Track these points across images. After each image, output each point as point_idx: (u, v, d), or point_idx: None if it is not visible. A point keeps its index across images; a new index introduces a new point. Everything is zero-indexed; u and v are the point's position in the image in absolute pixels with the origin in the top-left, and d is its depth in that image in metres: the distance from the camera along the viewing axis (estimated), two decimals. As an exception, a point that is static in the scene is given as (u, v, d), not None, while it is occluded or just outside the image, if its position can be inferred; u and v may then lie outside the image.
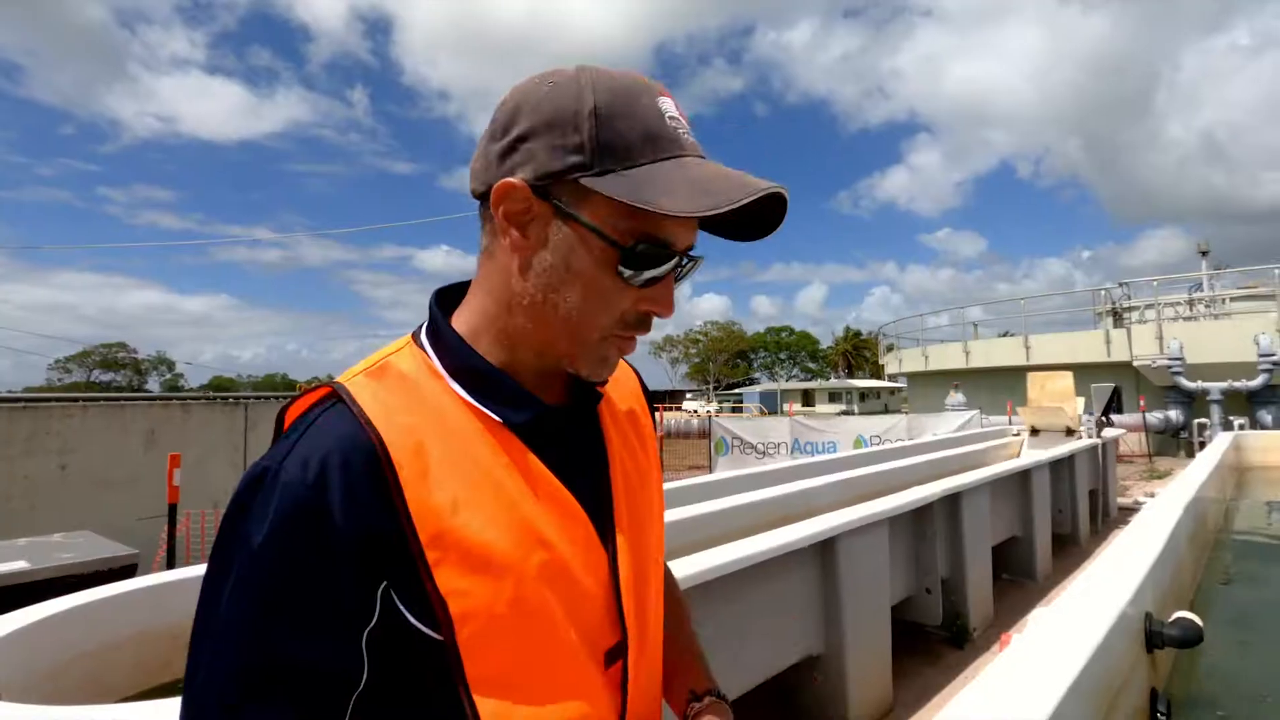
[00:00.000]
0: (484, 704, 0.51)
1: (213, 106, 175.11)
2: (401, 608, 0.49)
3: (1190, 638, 1.70)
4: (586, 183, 0.51)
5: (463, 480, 0.52)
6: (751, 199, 0.50)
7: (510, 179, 0.53)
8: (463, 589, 0.49)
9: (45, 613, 1.85)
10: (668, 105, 0.55)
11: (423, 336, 0.60)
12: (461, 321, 0.60)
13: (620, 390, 0.72)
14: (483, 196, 0.56)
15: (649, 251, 0.53)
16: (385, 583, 0.49)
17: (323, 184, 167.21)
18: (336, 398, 0.54)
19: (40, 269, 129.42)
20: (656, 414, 0.82)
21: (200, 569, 2.22)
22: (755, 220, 0.58)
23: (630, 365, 0.77)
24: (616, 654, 0.59)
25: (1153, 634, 1.74)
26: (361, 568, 0.48)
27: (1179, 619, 1.75)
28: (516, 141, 0.54)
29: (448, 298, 0.63)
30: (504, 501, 0.53)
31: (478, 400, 0.56)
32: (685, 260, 0.57)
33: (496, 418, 0.56)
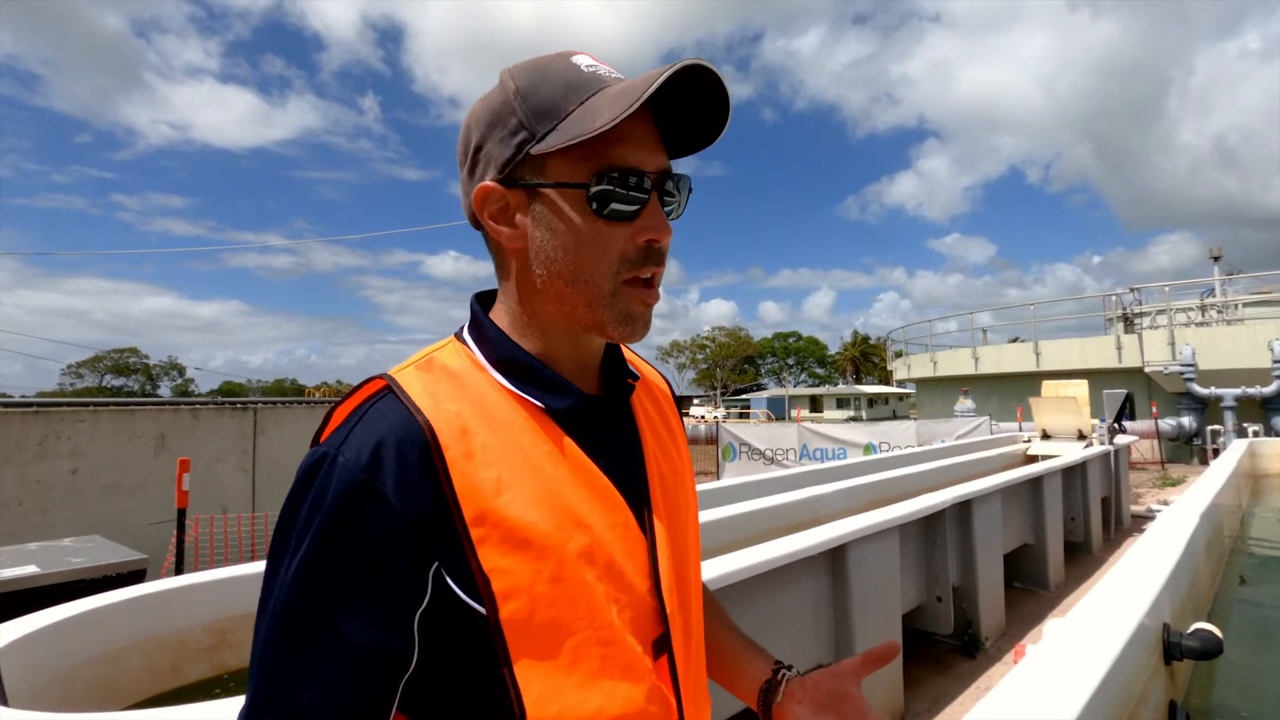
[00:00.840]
0: (528, 685, 0.51)
1: (225, 114, 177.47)
2: (453, 585, 0.50)
3: (1209, 649, 1.67)
4: (536, 150, 0.55)
5: (506, 463, 0.54)
6: (666, 77, 0.52)
7: (481, 184, 0.58)
8: (505, 567, 0.51)
9: (53, 618, 1.85)
10: (582, 59, 0.58)
11: (465, 334, 0.63)
12: (496, 322, 0.63)
13: (653, 393, 0.74)
14: (475, 221, 0.61)
15: (615, 179, 0.55)
16: (437, 563, 0.50)
17: (333, 190, 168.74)
18: (388, 389, 0.56)
19: (54, 275, 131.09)
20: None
21: (209, 574, 2.23)
22: (703, 116, 0.59)
23: (662, 374, 0.80)
24: (662, 646, 0.59)
25: (1171, 645, 1.71)
26: (415, 548, 0.50)
27: (1198, 630, 1.72)
28: (475, 154, 0.59)
29: (485, 301, 0.66)
30: (545, 484, 0.55)
31: (519, 388, 0.58)
32: (667, 180, 0.59)
33: (538, 404, 0.58)
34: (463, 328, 0.64)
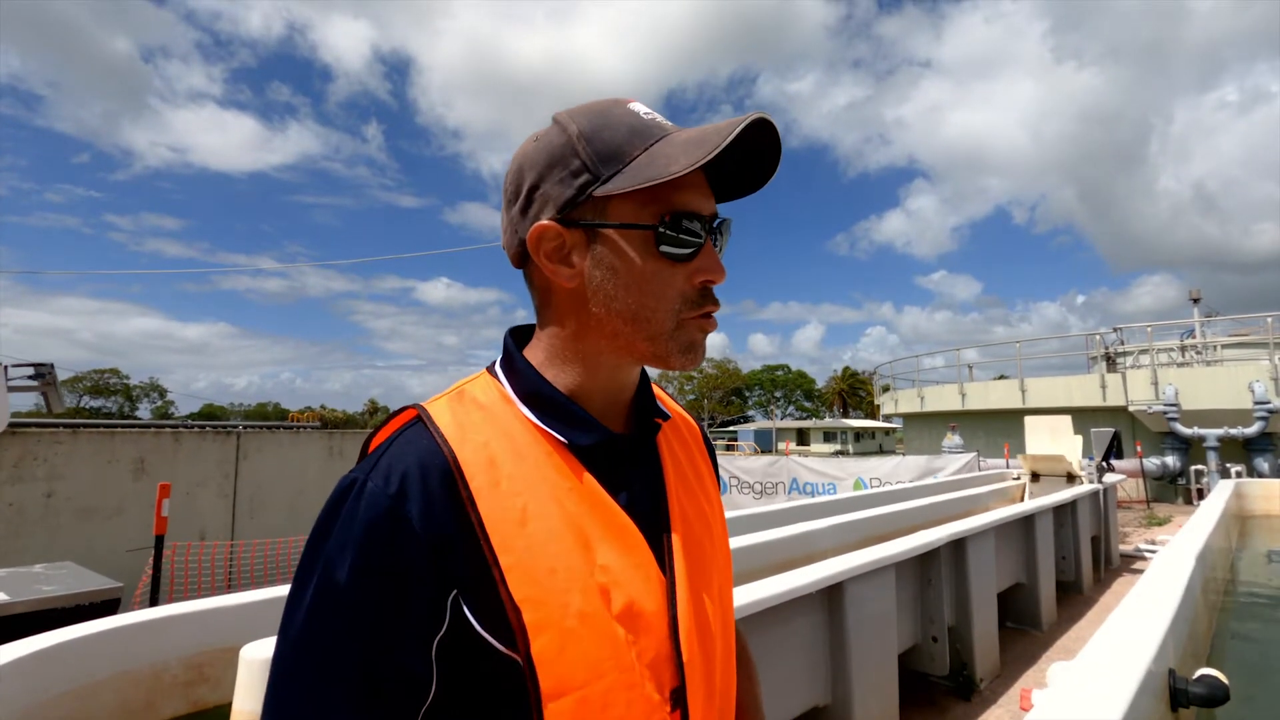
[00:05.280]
0: None
1: (225, 138, 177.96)
2: (470, 618, 0.50)
3: (1217, 696, 1.64)
4: (600, 192, 0.56)
5: (531, 494, 0.54)
6: (740, 130, 0.53)
7: (539, 222, 0.58)
8: (535, 598, 0.50)
9: (21, 651, 1.77)
10: (638, 106, 0.60)
11: (497, 367, 0.64)
12: (531, 357, 0.63)
13: (682, 435, 0.73)
14: (520, 259, 0.62)
15: (680, 221, 0.57)
16: (456, 590, 0.50)
17: (329, 215, 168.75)
18: (418, 419, 0.57)
19: (41, 293, 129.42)
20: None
21: (187, 605, 2.15)
22: (755, 166, 0.61)
23: (693, 421, 0.79)
24: (678, 699, 0.55)
25: (1177, 692, 1.68)
26: (435, 574, 0.50)
27: (1203, 676, 1.70)
28: (530, 193, 0.59)
29: (519, 336, 0.66)
30: (567, 519, 0.54)
31: (544, 423, 0.58)
32: (717, 223, 0.61)
33: (561, 439, 0.58)
34: (495, 361, 0.65)
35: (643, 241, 0.57)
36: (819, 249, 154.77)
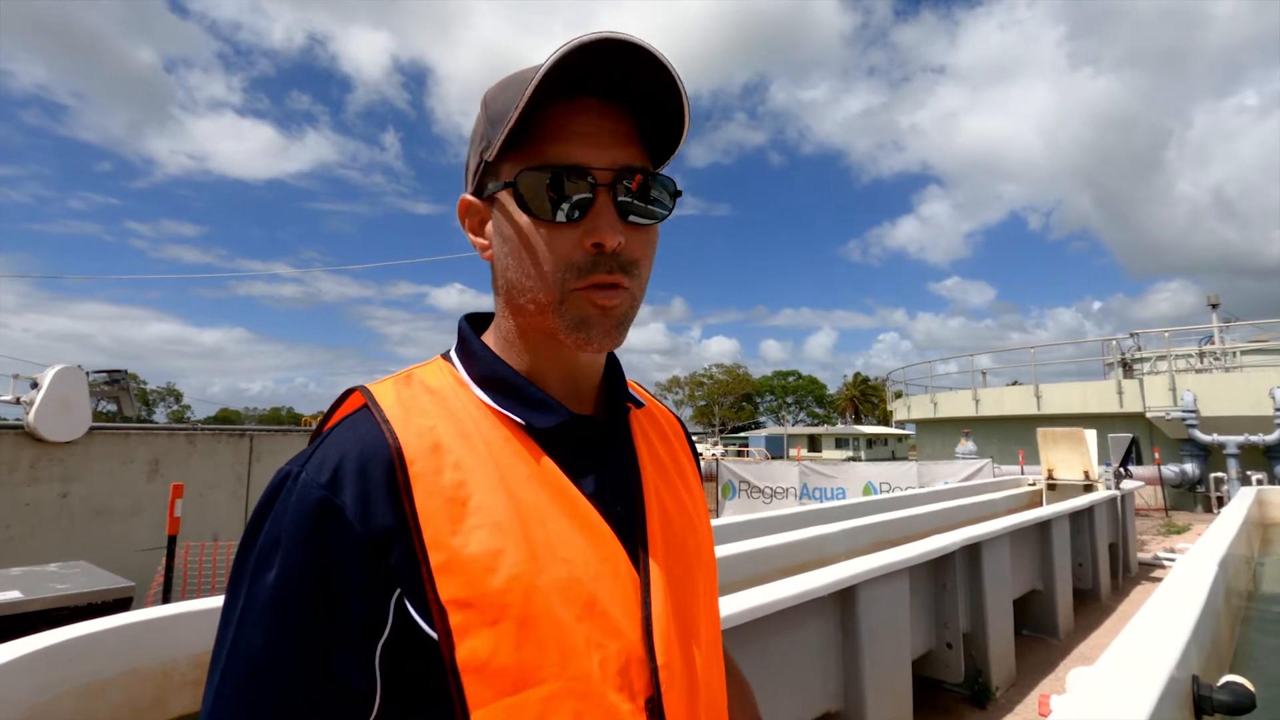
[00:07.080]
0: None
1: (244, 146, 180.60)
2: (416, 616, 0.46)
3: (1243, 703, 1.59)
4: (489, 157, 0.54)
5: (479, 483, 0.50)
6: (556, 58, 0.47)
7: (461, 196, 0.59)
8: (465, 598, 0.46)
9: (30, 648, 1.77)
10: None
11: (452, 353, 0.61)
12: (488, 341, 0.61)
13: (660, 426, 0.70)
14: None
15: (543, 176, 0.51)
16: (400, 590, 0.46)
17: (344, 222, 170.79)
18: (364, 405, 0.54)
19: (63, 299, 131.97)
20: None
21: (196, 603, 2.15)
22: (662, 104, 0.53)
23: (674, 414, 0.76)
24: (655, 709, 0.51)
25: (1202, 699, 1.64)
26: (376, 571, 0.46)
27: (1228, 683, 1.65)
28: (466, 170, 0.60)
29: (477, 322, 0.64)
30: (520, 509, 0.50)
31: (501, 405, 0.55)
32: (627, 179, 0.52)
33: (520, 421, 0.54)
34: (451, 348, 0.62)
35: (514, 201, 0.53)
36: (831, 255, 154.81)
